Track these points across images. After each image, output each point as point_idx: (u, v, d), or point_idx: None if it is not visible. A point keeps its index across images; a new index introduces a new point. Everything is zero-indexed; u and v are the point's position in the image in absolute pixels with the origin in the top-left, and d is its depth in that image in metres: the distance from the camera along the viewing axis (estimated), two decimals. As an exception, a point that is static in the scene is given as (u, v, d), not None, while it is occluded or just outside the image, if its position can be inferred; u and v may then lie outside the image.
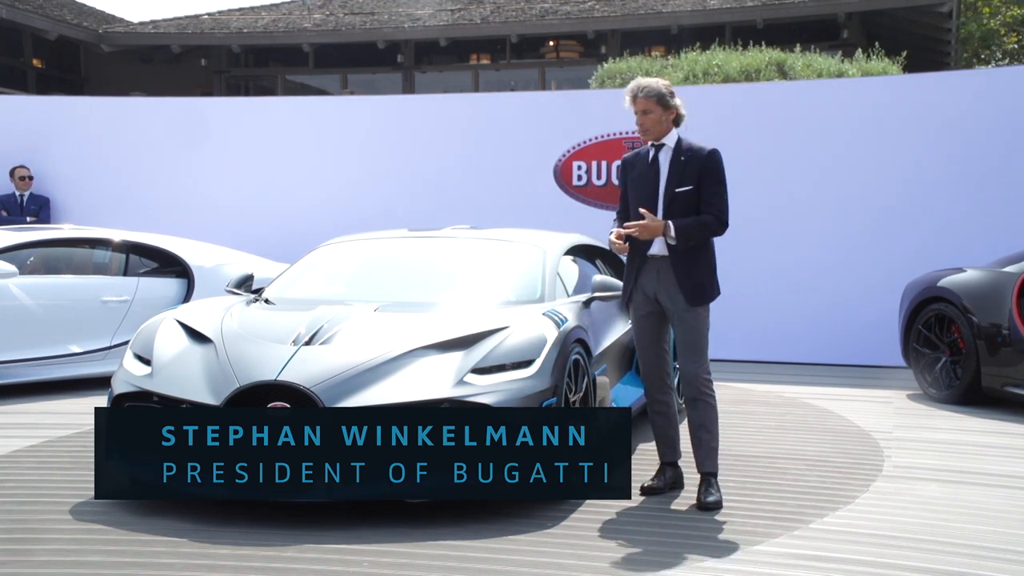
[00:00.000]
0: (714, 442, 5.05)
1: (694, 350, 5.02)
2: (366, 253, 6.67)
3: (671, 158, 5.03)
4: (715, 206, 4.98)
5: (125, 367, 5.27)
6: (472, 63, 22.77)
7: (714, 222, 4.97)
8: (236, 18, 22.87)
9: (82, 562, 4.15)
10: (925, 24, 20.90)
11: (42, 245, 8.41)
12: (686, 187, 4.97)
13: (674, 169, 5.01)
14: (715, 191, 4.99)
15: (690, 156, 5.01)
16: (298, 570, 4.03)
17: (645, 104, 5.00)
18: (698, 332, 5.02)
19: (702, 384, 5.03)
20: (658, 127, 5.02)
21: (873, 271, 9.84)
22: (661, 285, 5.03)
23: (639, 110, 5.03)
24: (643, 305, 5.12)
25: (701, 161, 4.99)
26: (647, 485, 5.13)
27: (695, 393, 5.04)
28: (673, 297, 5.00)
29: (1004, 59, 28.83)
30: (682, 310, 5.00)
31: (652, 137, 5.05)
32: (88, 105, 12.60)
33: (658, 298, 5.06)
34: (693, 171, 4.98)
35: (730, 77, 13.52)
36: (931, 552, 4.28)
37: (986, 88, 10.04)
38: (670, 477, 5.20)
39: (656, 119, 5.01)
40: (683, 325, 5.02)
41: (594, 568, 4.09)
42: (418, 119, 11.26)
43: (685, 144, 5.06)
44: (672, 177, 5.00)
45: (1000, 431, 6.86)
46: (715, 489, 4.97)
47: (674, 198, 4.98)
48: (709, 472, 5.02)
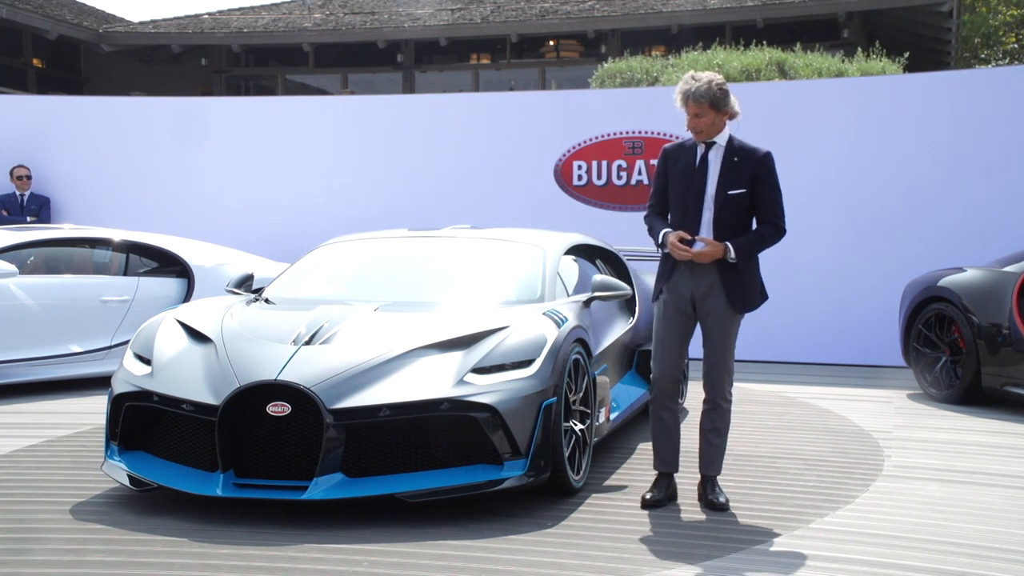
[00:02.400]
0: (725, 446, 5.00)
1: (724, 355, 4.88)
2: (366, 253, 6.67)
3: (723, 158, 4.84)
4: (774, 213, 4.83)
5: (125, 367, 5.27)
6: (472, 63, 22.77)
7: (773, 232, 4.84)
8: (236, 18, 22.87)
9: (82, 562, 4.15)
10: (925, 24, 20.90)
11: (42, 245, 8.41)
12: (739, 190, 4.80)
13: (726, 170, 4.82)
14: (772, 197, 4.84)
15: (743, 157, 4.83)
16: (299, 570, 4.03)
17: (697, 108, 4.80)
18: (732, 337, 4.89)
19: (725, 391, 4.93)
20: (712, 128, 4.83)
21: (873, 271, 9.84)
22: (699, 287, 4.86)
23: (690, 113, 4.83)
24: (675, 304, 4.92)
25: (755, 163, 4.82)
26: (649, 498, 4.94)
27: (717, 397, 4.94)
28: (715, 300, 4.84)
29: (1004, 59, 28.84)
30: (722, 313, 4.85)
31: (705, 138, 4.85)
32: (88, 105, 12.60)
33: (695, 299, 4.89)
34: (746, 173, 4.81)
35: (730, 77, 13.51)
36: (931, 552, 4.28)
37: (986, 88, 10.04)
38: (667, 487, 5.03)
39: (709, 121, 4.81)
40: (719, 329, 4.86)
41: (594, 568, 4.09)
42: (418, 119, 11.26)
43: (738, 144, 4.87)
44: (724, 179, 4.81)
45: (1000, 431, 6.86)
46: (720, 490, 4.95)
47: (725, 201, 4.80)
48: (715, 474, 4.98)
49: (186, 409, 4.82)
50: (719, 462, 4.99)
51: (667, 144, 5.10)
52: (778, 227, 4.86)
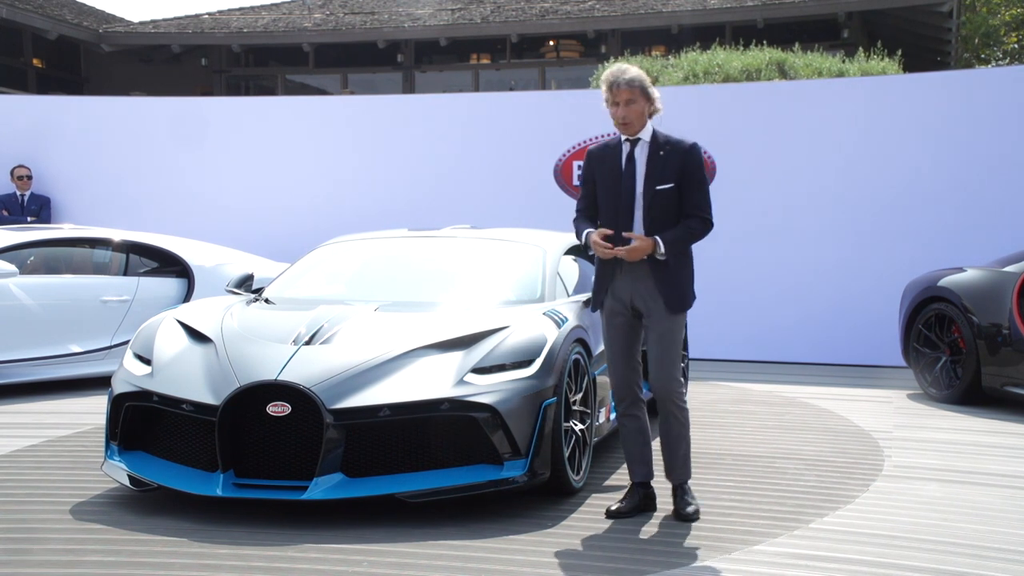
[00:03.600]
0: (687, 450, 4.81)
1: (668, 359, 4.70)
2: (366, 253, 6.67)
3: (648, 154, 4.69)
4: (700, 207, 4.67)
5: (125, 367, 5.27)
6: (472, 63, 22.77)
7: (700, 225, 4.68)
8: (236, 18, 22.87)
9: (82, 562, 4.15)
10: (925, 24, 20.90)
11: (42, 245, 8.41)
12: (667, 184, 4.64)
13: (653, 166, 4.66)
14: (699, 189, 4.67)
15: (669, 151, 4.67)
16: (299, 570, 4.03)
17: (629, 94, 4.65)
18: (674, 341, 4.71)
19: (675, 395, 4.75)
20: (641, 120, 4.69)
21: (873, 271, 9.84)
22: (638, 291, 4.71)
23: (622, 100, 4.65)
24: (617, 312, 4.77)
25: (681, 156, 4.66)
26: (613, 508, 4.77)
27: (668, 404, 4.75)
28: (652, 304, 4.68)
29: (1004, 59, 28.84)
30: (661, 317, 4.69)
31: (633, 131, 4.70)
32: (88, 105, 12.61)
33: (634, 304, 4.74)
34: (673, 167, 4.65)
35: (731, 77, 13.52)
36: (931, 552, 4.28)
37: (986, 88, 10.04)
38: (640, 499, 4.84)
39: (640, 110, 4.67)
40: (659, 333, 4.70)
41: (594, 568, 4.08)
42: (418, 119, 11.26)
43: (662, 138, 4.72)
44: (651, 174, 4.66)
45: (1000, 431, 6.86)
46: (691, 497, 4.78)
47: (655, 197, 4.64)
48: (683, 481, 4.81)
49: (186, 409, 4.82)
50: (683, 468, 4.80)
51: (591, 147, 4.93)
52: (705, 220, 4.68)
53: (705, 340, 9.49)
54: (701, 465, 5.74)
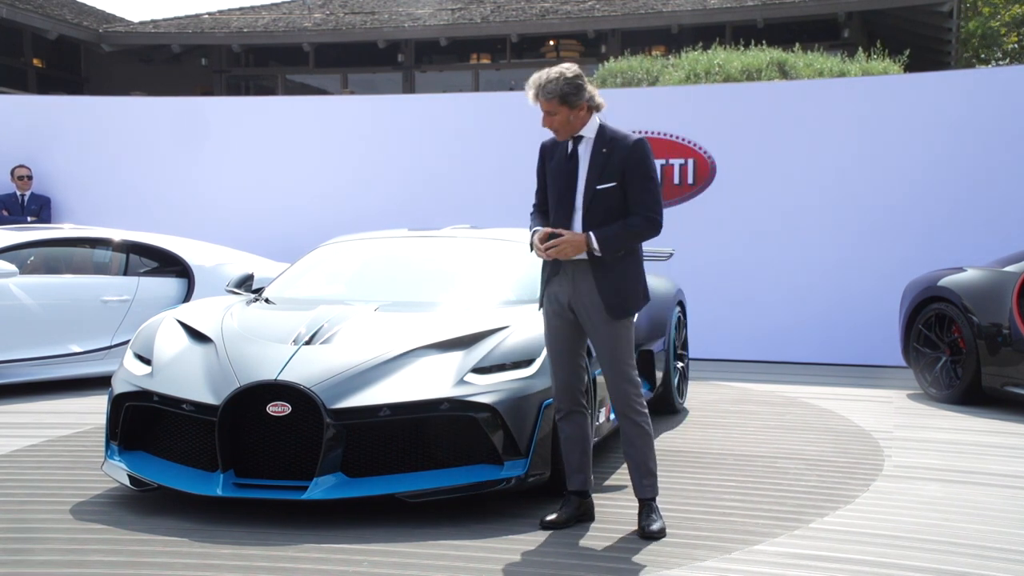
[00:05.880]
0: (651, 463, 4.54)
1: (617, 365, 4.47)
2: (366, 253, 6.68)
3: (591, 151, 4.47)
4: (644, 205, 4.41)
5: (125, 367, 5.27)
6: (472, 63, 22.77)
7: (644, 224, 4.41)
8: (236, 18, 22.86)
9: (82, 562, 4.15)
10: (925, 24, 20.89)
11: (42, 245, 8.42)
12: (608, 183, 4.41)
13: (595, 164, 4.44)
14: (644, 187, 4.42)
15: (613, 148, 4.44)
16: (300, 569, 4.03)
17: (547, 105, 4.42)
18: (619, 346, 4.45)
19: (632, 401, 4.48)
20: (568, 127, 4.46)
21: (873, 271, 9.84)
22: (576, 293, 4.47)
23: (544, 112, 4.45)
24: (555, 313, 4.55)
25: (625, 153, 4.42)
26: (548, 519, 4.57)
27: (624, 411, 4.50)
28: (589, 308, 4.45)
29: (1004, 59, 28.84)
30: (600, 322, 4.44)
31: (565, 136, 4.49)
32: (88, 105, 12.61)
33: (572, 307, 4.50)
34: (616, 165, 4.42)
35: (731, 77, 13.51)
36: (932, 552, 4.27)
37: (986, 88, 10.04)
38: (576, 508, 4.62)
39: (563, 120, 4.44)
40: (601, 339, 4.47)
41: (595, 568, 4.08)
42: (418, 119, 11.26)
43: (609, 134, 4.48)
44: (593, 173, 4.44)
45: (1000, 431, 6.86)
46: (656, 515, 4.50)
47: (595, 196, 4.42)
48: (648, 498, 4.54)
49: (186, 409, 4.82)
50: (648, 482, 4.54)
51: (545, 140, 4.67)
52: (650, 219, 4.41)
53: (706, 340, 9.50)
54: (702, 465, 5.75)
